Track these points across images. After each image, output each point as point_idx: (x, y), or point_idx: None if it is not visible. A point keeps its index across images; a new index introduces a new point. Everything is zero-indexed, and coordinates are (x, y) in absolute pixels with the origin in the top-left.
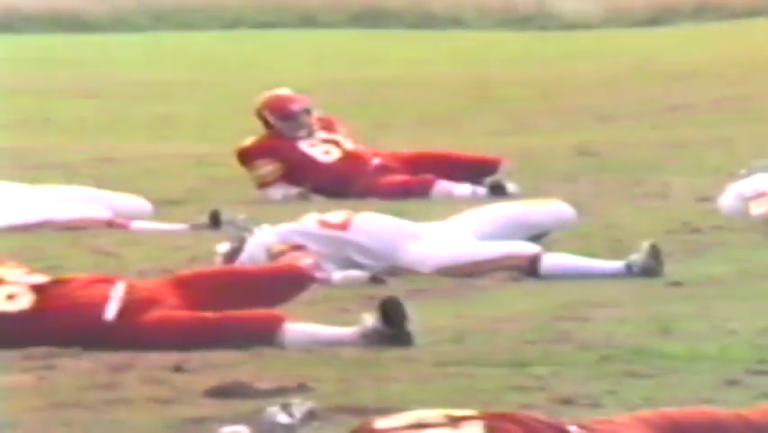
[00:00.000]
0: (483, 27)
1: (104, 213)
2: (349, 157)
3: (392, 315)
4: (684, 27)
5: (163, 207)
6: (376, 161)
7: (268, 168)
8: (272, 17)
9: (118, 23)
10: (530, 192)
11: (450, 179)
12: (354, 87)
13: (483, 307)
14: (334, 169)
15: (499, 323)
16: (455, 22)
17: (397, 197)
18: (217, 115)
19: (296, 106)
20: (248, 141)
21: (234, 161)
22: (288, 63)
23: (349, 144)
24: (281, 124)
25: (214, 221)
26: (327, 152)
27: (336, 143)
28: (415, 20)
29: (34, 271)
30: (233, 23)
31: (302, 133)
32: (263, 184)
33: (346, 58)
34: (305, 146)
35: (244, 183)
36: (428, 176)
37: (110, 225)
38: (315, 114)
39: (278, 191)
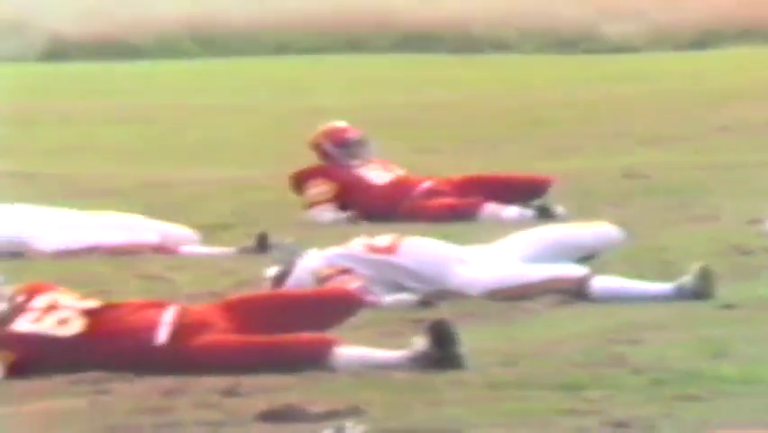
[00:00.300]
0: (528, 51)
1: (153, 237)
2: (400, 180)
3: (442, 338)
4: (730, 50)
5: (211, 231)
6: (426, 184)
7: (320, 188)
8: (318, 42)
9: (165, 50)
10: (578, 216)
11: (500, 201)
12: (399, 111)
13: (534, 330)
14: (385, 190)
15: (551, 346)
16: (500, 46)
17: (445, 219)
18: (264, 139)
19: (351, 135)
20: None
21: (281, 185)
22: (334, 88)
23: (400, 171)
24: (337, 150)
25: (262, 244)
26: (380, 176)
27: (389, 170)
28: (459, 44)
29: (84, 296)
30: (279, 48)
31: (357, 162)
32: (314, 203)
33: (391, 82)
34: (358, 170)
35: (291, 207)
36: (476, 198)
37: (159, 249)
38: (371, 153)
39: (327, 213)
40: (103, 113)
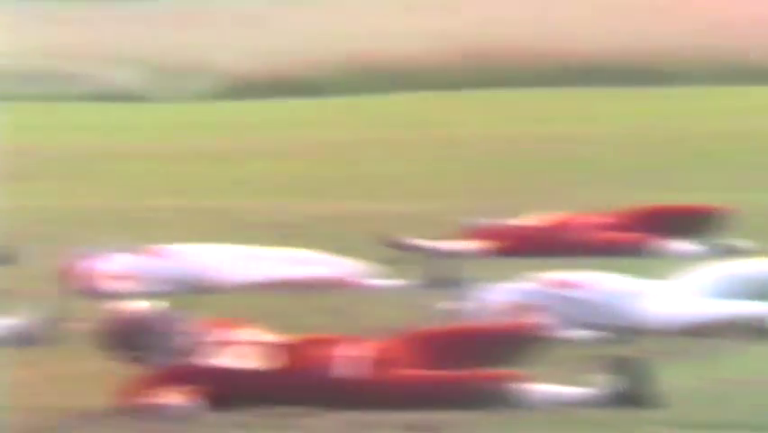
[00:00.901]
0: (699, 81)
1: (332, 272)
2: (549, 219)
3: (632, 375)
4: None
5: (384, 266)
6: (591, 219)
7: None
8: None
9: (337, 85)
10: (763, 250)
11: (664, 233)
12: (567, 144)
13: (724, 368)
14: (538, 229)
15: (741, 385)
16: (661, 79)
17: (611, 254)
18: (438, 173)
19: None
20: None
21: (453, 220)
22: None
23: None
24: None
25: (438, 277)
26: (534, 218)
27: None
28: (625, 76)
29: (267, 330)
30: (449, 83)
31: None
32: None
33: (557, 115)
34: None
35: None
36: (641, 234)
37: (340, 284)
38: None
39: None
40: (266, 148)
